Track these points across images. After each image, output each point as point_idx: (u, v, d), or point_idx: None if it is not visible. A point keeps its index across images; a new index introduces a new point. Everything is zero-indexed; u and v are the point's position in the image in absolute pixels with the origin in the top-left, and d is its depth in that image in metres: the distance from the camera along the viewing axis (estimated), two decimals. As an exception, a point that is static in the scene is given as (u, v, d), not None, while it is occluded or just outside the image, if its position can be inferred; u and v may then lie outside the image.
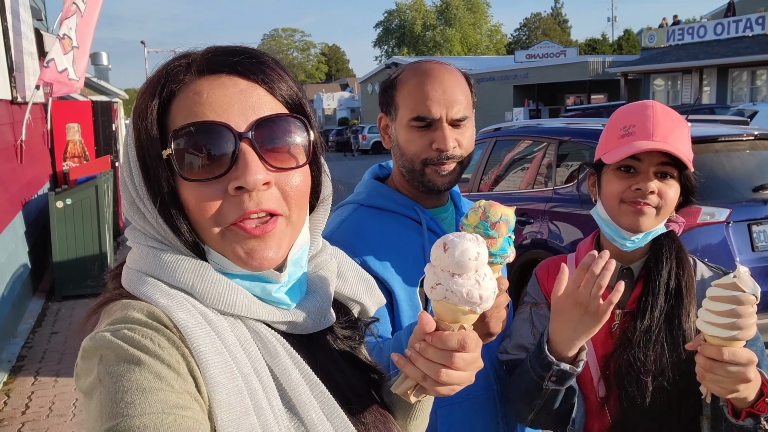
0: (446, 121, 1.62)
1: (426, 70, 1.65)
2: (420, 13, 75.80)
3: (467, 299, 0.91)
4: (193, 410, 0.77)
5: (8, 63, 7.66)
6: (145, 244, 0.91)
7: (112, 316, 0.85)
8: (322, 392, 0.91)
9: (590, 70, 32.93)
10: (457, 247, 0.91)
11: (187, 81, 0.90)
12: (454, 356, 0.91)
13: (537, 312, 1.70)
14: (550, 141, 5.62)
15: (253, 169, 0.85)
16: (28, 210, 8.04)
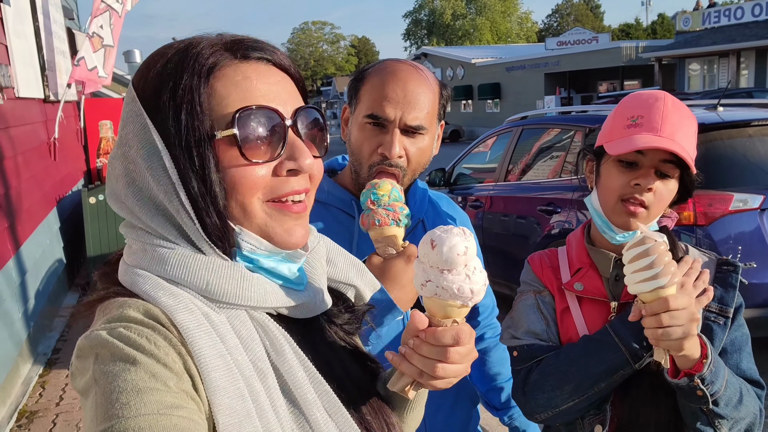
0: (398, 125, 1.54)
1: (394, 69, 1.58)
2: (449, 3, 75.24)
3: (459, 294, 0.91)
4: (190, 410, 0.77)
5: (40, 62, 7.80)
6: (149, 242, 0.89)
7: (107, 314, 0.84)
8: (326, 391, 0.91)
9: (623, 56, 32.34)
10: (445, 243, 0.91)
11: (229, 64, 0.90)
12: (449, 351, 0.92)
13: (542, 299, 1.68)
14: (577, 129, 5.52)
15: (306, 154, 0.91)
16: (63, 206, 8.21)
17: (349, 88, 1.66)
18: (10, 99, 5.96)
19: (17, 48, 6.60)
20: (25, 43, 7.17)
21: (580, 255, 1.66)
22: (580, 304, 1.63)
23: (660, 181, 1.51)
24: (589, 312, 1.61)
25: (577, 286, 1.62)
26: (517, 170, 6.29)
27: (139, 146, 0.89)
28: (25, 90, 6.67)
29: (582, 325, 1.61)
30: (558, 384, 1.53)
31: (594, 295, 1.61)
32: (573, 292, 1.63)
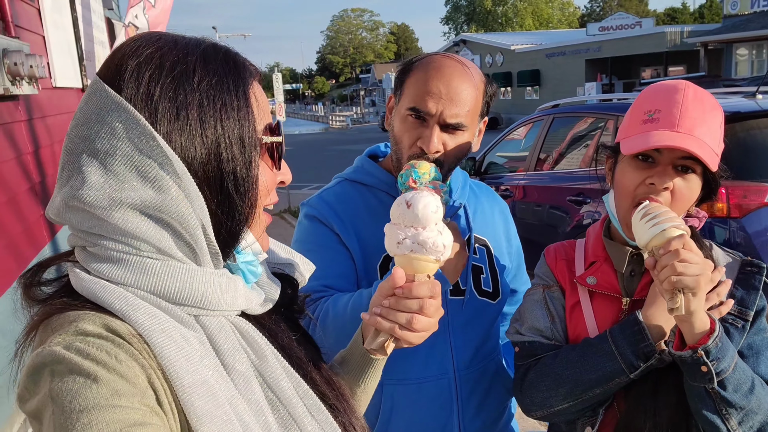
0: (438, 121, 1.57)
1: (439, 65, 1.60)
2: (490, -12, 74.35)
3: (433, 248, 1.01)
4: (154, 426, 0.74)
5: (78, 53, 7.96)
6: (129, 252, 0.83)
7: (58, 330, 0.79)
8: (306, 391, 0.94)
9: (667, 41, 31.50)
10: (419, 201, 1.02)
11: (251, 81, 0.94)
12: (425, 303, 1.01)
13: (550, 294, 1.65)
14: (609, 118, 5.40)
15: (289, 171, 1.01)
16: (100, 193, 8.38)
17: (396, 78, 1.71)
18: (47, 89, 6.10)
19: (54, 39, 6.74)
20: (63, 34, 7.32)
21: (596, 248, 1.62)
22: (592, 299, 1.58)
23: (680, 177, 1.44)
24: (601, 307, 1.57)
25: (590, 279, 1.58)
26: (547, 160, 6.20)
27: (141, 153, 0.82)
28: (62, 80, 6.82)
29: (592, 321, 1.56)
30: (553, 385, 1.51)
31: (606, 290, 1.56)
32: (585, 286, 1.59)
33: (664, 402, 1.45)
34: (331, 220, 1.69)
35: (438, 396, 1.70)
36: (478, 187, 1.91)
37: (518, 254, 1.94)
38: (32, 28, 6.01)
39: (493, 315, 1.79)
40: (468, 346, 1.72)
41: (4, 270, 4.43)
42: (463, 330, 1.70)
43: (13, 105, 5.06)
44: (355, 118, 64.04)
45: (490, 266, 1.77)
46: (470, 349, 1.72)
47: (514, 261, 1.91)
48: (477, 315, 1.73)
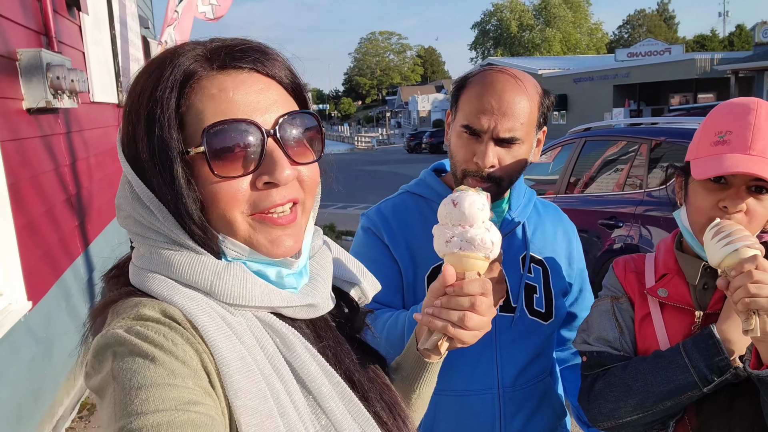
0: (492, 136, 1.58)
1: (492, 80, 1.61)
2: (516, 13, 74.61)
3: (482, 245, 1.01)
4: (207, 406, 0.77)
5: (116, 69, 8.13)
6: (153, 245, 0.90)
7: (122, 314, 0.85)
8: (338, 382, 0.93)
9: (697, 68, 31.25)
10: (465, 200, 1.03)
11: (206, 75, 0.89)
12: (476, 299, 0.99)
13: (619, 306, 1.63)
14: (643, 142, 5.36)
15: (282, 166, 0.88)
16: (131, 207, 8.51)
17: (452, 94, 1.72)
18: (85, 103, 6.23)
19: (94, 55, 6.91)
20: (102, 51, 7.49)
21: (667, 260, 1.60)
22: (663, 312, 1.56)
23: (754, 197, 1.41)
24: (672, 320, 1.54)
25: (661, 292, 1.56)
26: (578, 182, 6.16)
27: (129, 151, 0.92)
28: (100, 95, 6.97)
29: (663, 333, 1.54)
30: (622, 396, 1.50)
31: (678, 303, 1.53)
32: (656, 298, 1.57)
33: (738, 418, 1.42)
34: (383, 231, 1.71)
35: (481, 411, 1.68)
36: (545, 206, 1.89)
37: (581, 278, 1.91)
38: (73, 44, 6.16)
39: (544, 336, 1.76)
40: (514, 363, 1.70)
41: (42, 278, 4.50)
42: (510, 347, 1.69)
43: (53, 118, 5.17)
44: (381, 140, 64.33)
45: (545, 286, 1.75)
46: (516, 367, 1.70)
47: (575, 284, 1.88)
48: (526, 334, 1.71)
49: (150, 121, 0.87)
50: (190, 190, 0.87)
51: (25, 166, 4.33)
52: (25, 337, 4.01)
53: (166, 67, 0.88)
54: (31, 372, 4.05)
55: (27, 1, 4.83)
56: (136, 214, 0.91)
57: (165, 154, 0.86)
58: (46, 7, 5.15)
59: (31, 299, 4.01)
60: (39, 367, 4.21)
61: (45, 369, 4.31)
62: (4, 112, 4.01)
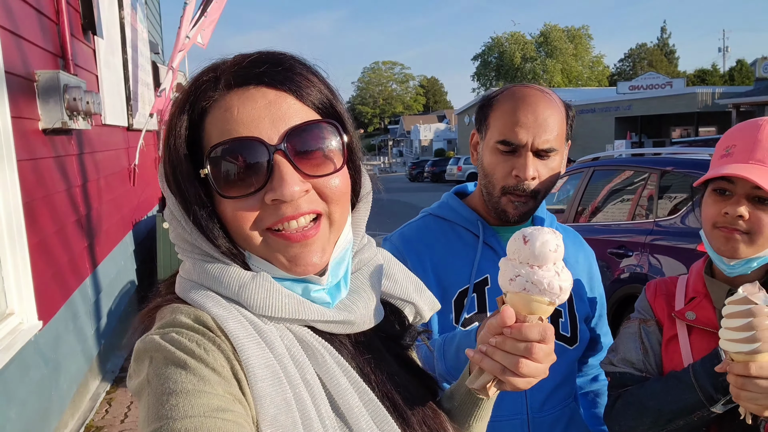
0: (531, 149, 1.60)
1: (523, 95, 1.63)
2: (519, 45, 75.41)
3: (548, 290, 0.93)
4: (236, 413, 0.78)
5: (126, 92, 8.22)
6: (191, 256, 0.93)
7: (162, 320, 0.88)
8: (371, 399, 0.90)
9: (698, 102, 31.51)
10: (537, 238, 0.94)
11: (217, 97, 0.89)
12: (534, 347, 0.91)
13: (646, 329, 1.67)
14: (651, 171, 5.39)
15: (288, 182, 0.86)
16: (138, 230, 8.53)
17: (477, 114, 1.73)
18: (98, 125, 6.29)
19: (106, 78, 6.98)
20: (114, 74, 7.58)
21: (696, 284, 1.64)
22: (690, 334, 1.60)
23: (755, 206, 1.46)
24: (698, 343, 1.57)
25: (689, 315, 1.60)
26: (587, 212, 6.17)
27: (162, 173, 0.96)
28: (111, 118, 7.03)
29: (688, 355, 1.57)
30: (638, 415, 1.55)
31: (704, 326, 1.57)
32: (684, 321, 1.60)
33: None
34: (406, 255, 1.69)
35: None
36: (564, 231, 1.89)
37: (601, 303, 1.91)
38: (88, 67, 6.24)
39: (570, 360, 1.76)
40: (542, 388, 1.67)
41: (52, 298, 4.49)
42: None
43: (67, 139, 5.22)
44: (383, 168, 64.57)
45: (570, 311, 1.76)
46: (544, 392, 1.68)
47: (596, 309, 1.89)
48: None
49: (168, 145, 0.91)
50: (203, 209, 0.89)
51: (39, 186, 4.36)
52: (35, 357, 4.00)
53: (184, 94, 0.92)
54: (39, 393, 4.02)
55: (46, 25, 4.90)
56: (179, 230, 0.94)
57: (179, 176, 0.90)
58: (64, 30, 5.23)
59: (41, 319, 4.01)
60: (47, 387, 4.18)
61: (52, 391, 4.28)
62: (21, 132, 4.05)
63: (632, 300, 5.42)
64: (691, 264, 5.23)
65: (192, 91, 0.91)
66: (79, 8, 5.98)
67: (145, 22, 10.45)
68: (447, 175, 39.47)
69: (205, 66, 0.93)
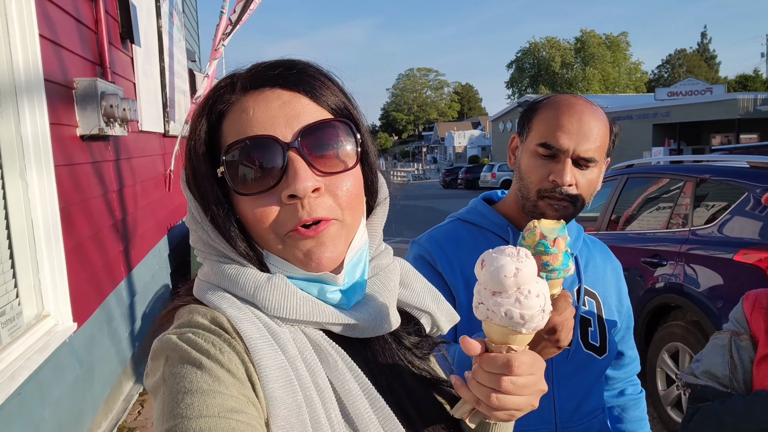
0: (571, 155, 1.58)
1: (569, 102, 1.63)
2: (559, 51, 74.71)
3: (507, 319, 0.86)
4: (249, 415, 0.79)
5: (163, 99, 8.38)
6: (210, 258, 0.96)
7: (179, 320, 0.90)
8: (382, 407, 0.89)
9: (740, 108, 30.79)
10: (492, 263, 0.87)
11: (233, 100, 0.93)
12: (501, 380, 0.87)
13: (738, 343, 1.59)
14: (687, 179, 5.28)
15: (302, 177, 0.87)
16: (173, 235, 8.67)
17: (521, 117, 1.73)
18: (134, 132, 6.42)
19: (144, 85, 7.13)
20: (151, 82, 7.73)
21: None
22: None
23: None
24: None
25: None
26: (620, 219, 6.08)
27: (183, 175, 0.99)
28: (147, 124, 7.17)
29: None
30: (714, 430, 1.48)
31: None
32: None
33: None
34: (436, 258, 1.70)
35: None
36: (593, 242, 1.88)
37: (628, 316, 1.89)
38: (125, 74, 6.37)
39: (599, 371, 1.74)
40: (571, 399, 1.66)
41: (87, 300, 4.59)
42: (566, 381, 1.66)
43: (104, 145, 5.33)
44: (417, 174, 64.60)
45: (599, 320, 1.73)
46: (573, 403, 1.66)
47: (623, 321, 1.86)
48: (582, 368, 1.69)
49: (188, 148, 0.95)
50: (221, 209, 0.92)
51: (76, 191, 4.46)
52: (69, 359, 4.08)
53: (204, 99, 0.96)
54: (73, 394, 4.10)
55: (84, 33, 5.02)
56: (199, 232, 0.96)
57: (198, 176, 0.93)
58: (102, 39, 5.35)
59: (76, 321, 4.09)
60: (80, 389, 4.27)
61: (86, 392, 4.36)
62: (59, 138, 4.15)
63: (666, 310, 5.34)
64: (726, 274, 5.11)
65: (211, 96, 0.95)
66: (118, 17, 6.12)
67: (183, 30, 10.64)
68: (481, 182, 39.28)
69: (234, 70, 0.97)
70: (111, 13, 5.88)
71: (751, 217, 4.51)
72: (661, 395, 5.01)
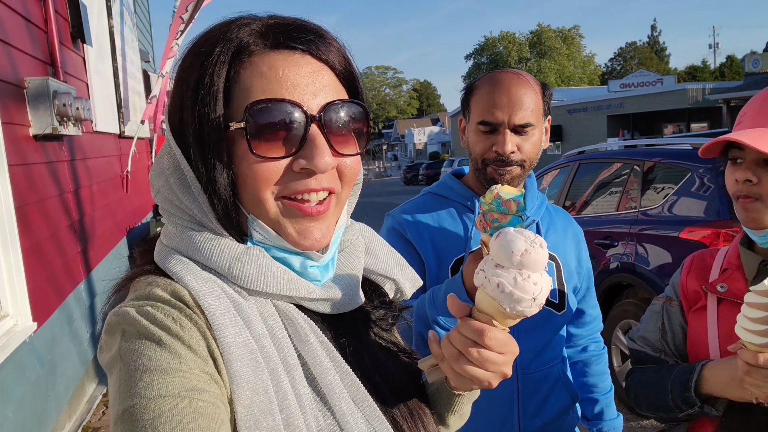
0: (508, 126, 1.73)
1: (497, 79, 1.78)
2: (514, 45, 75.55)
3: (497, 291, 0.88)
4: (211, 393, 0.76)
5: (117, 100, 8.28)
6: (180, 223, 0.90)
7: (137, 291, 0.84)
8: (353, 380, 0.89)
9: (689, 98, 31.63)
10: (506, 237, 0.89)
11: (258, 51, 0.87)
12: (470, 347, 0.90)
13: (668, 308, 1.71)
14: (636, 163, 5.47)
15: (323, 153, 0.85)
16: (132, 236, 8.58)
17: (462, 101, 1.88)
18: (88, 132, 6.35)
19: (97, 85, 7.05)
20: (104, 82, 7.64)
21: (731, 256, 1.63)
22: (719, 306, 1.58)
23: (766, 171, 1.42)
24: (726, 314, 1.55)
25: (720, 287, 1.58)
26: (575, 205, 6.25)
27: (173, 123, 0.91)
28: (102, 125, 7.09)
29: (713, 325, 1.56)
30: (636, 396, 1.66)
31: (734, 297, 1.53)
32: (714, 293, 1.58)
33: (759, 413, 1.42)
34: (406, 228, 1.85)
35: (500, 393, 1.75)
36: (555, 210, 2.03)
37: (588, 277, 2.03)
38: (78, 74, 6.30)
39: (557, 325, 1.89)
40: (530, 349, 1.81)
41: (46, 300, 4.55)
42: (527, 335, 1.79)
43: (58, 145, 5.28)
44: (378, 172, 64.71)
45: (558, 280, 1.88)
46: (532, 352, 1.82)
47: (583, 282, 2.01)
48: (541, 323, 1.83)
49: (197, 92, 0.85)
50: (222, 165, 0.85)
51: (31, 191, 4.42)
52: (30, 358, 4.05)
53: (219, 40, 0.87)
54: (35, 393, 4.07)
55: (35, 33, 4.97)
56: (166, 191, 0.90)
57: (206, 125, 0.85)
58: (53, 38, 5.29)
59: (36, 320, 4.06)
60: (43, 388, 4.24)
61: (48, 391, 4.33)
62: (12, 138, 4.11)
63: (620, 289, 5.51)
64: (673, 251, 5.28)
65: (233, 40, 0.86)
66: (68, 16, 6.05)
67: (135, 30, 10.52)
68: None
69: (234, 16, 0.90)
70: (61, 12, 5.81)
71: (695, 197, 4.70)
72: (617, 371, 5.18)
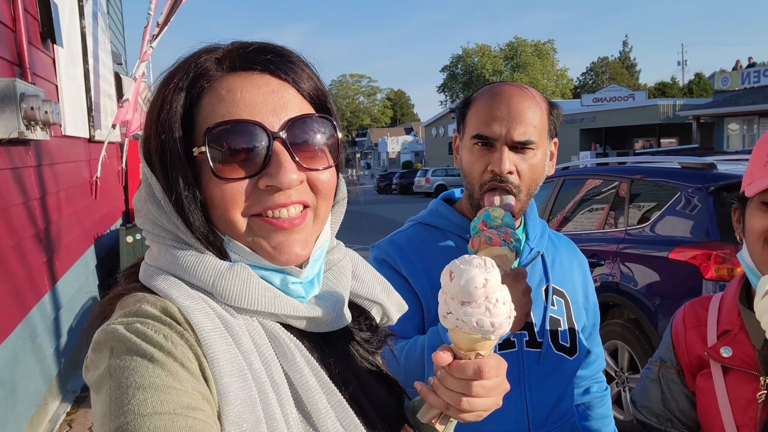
0: (506, 142, 1.52)
1: (498, 90, 1.58)
2: (489, 59, 76.21)
3: (478, 328, 0.89)
4: (204, 412, 0.75)
5: (88, 103, 8.01)
6: (162, 242, 0.90)
7: (124, 308, 0.83)
8: (340, 402, 0.88)
9: (660, 114, 32.20)
10: (462, 275, 0.88)
11: (217, 77, 0.89)
12: (472, 385, 0.91)
13: (665, 376, 1.57)
14: (621, 180, 5.41)
15: (287, 170, 0.86)
16: (100, 244, 8.28)
17: (457, 116, 1.68)
18: (57, 136, 6.09)
19: (67, 88, 6.78)
20: (75, 84, 7.37)
21: (730, 315, 1.46)
22: (725, 375, 1.41)
23: None
24: (734, 386, 1.40)
25: (724, 351, 1.41)
26: (557, 221, 6.17)
27: (145, 149, 0.92)
28: (71, 129, 6.82)
29: (725, 403, 1.40)
30: None
31: (742, 366, 1.39)
32: (718, 361, 1.42)
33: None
34: (399, 262, 1.64)
35: None
36: (558, 237, 1.83)
37: (595, 312, 1.84)
38: (47, 76, 6.05)
39: (570, 372, 1.69)
40: (544, 402, 1.61)
41: (8, 316, 4.29)
42: (539, 385, 1.61)
43: (24, 150, 5.03)
44: (351, 180, 64.64)
45: (568, 320, 1.69)
46: (546, 406, 1.61)
47: (590, 319, 1.82)
48: (554, 370, 1.64)
49: (159, 121, 0.88)
50: (188, 190, 0.87)
51: (-6, 199, 4.17)
52: (-11, 379, 3.80)
53: (180, 70, 0.89)
54: (-7, 416, 3.82)
55: (2, 31, 4.73)
56: (150, 213, 0.91)
57: (168, 151, 0.87)
58: (21, 38, 5.05)
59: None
60: (2, 410, 3.98)
61: (8, 413, 4.07)
62: (-26, 142, 3.87)
63: (604, 309, 5.42)
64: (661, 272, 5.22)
65: (192, 68, 0.89)
66: (38, 16, 5.80)
67: (108, 32, 10.24)
68: (415, 187, 39.58)
69: (200, 47, 0.92)
70: (30, 11, 5.57)
71: (684, 216, 4.63)
72: (601, 393, 5.09)
